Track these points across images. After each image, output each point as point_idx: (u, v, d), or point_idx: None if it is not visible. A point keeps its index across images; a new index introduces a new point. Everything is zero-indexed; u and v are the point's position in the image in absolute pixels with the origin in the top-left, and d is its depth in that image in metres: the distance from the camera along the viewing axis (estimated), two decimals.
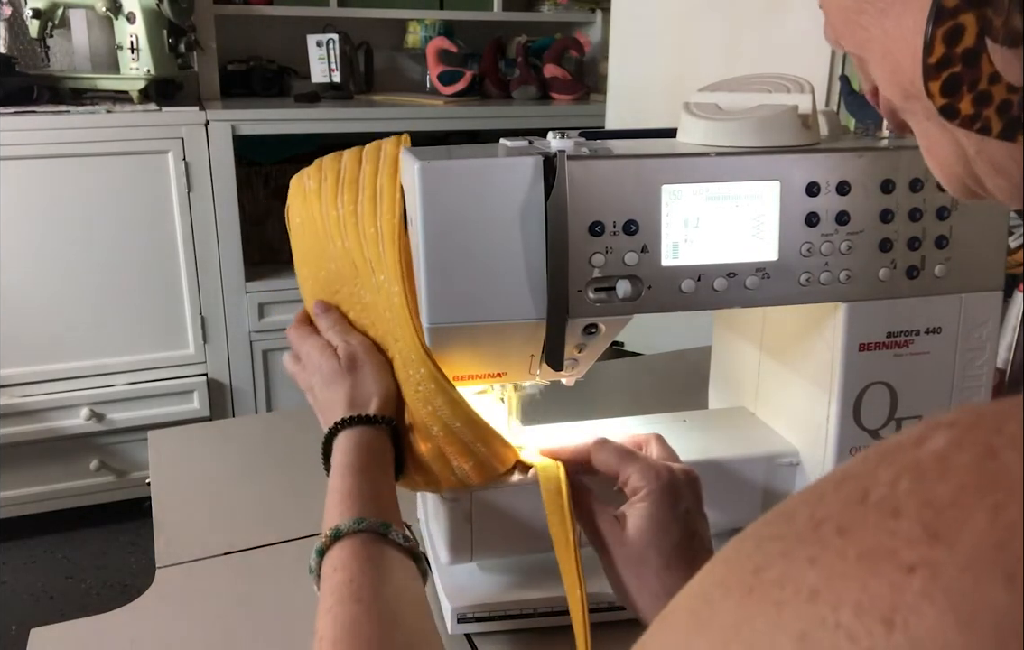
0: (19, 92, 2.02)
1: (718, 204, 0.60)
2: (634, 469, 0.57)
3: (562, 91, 2.65)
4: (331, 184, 0.66)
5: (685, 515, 0.56)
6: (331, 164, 0.68)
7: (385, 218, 0.63)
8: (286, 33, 2.59)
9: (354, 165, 0.67)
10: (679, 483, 0.57)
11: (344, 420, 0.61)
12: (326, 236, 0.66)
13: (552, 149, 0.58)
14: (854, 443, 0.67)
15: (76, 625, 0.68)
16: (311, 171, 0.69)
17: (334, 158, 0.68)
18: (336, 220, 0.65)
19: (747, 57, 1.80)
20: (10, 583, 2.10)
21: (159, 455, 0.94)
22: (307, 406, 0.69)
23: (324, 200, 0.66)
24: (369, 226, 0.64)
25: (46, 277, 2.06)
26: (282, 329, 2.32)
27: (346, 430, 0.61)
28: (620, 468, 0.58)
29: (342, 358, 0.64)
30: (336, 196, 0.66)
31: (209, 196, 2.15)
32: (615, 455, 0.59)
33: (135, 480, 2.25)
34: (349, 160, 0.67)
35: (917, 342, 0.66)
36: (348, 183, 0.66)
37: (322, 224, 0.66)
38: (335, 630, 0.49)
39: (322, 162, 0.69)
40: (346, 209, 0.65)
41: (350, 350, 0.65)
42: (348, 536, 0.55)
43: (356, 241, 0.64)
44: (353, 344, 0.65)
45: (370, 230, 0.64)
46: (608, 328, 0.62)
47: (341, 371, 0.64)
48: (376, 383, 0.63)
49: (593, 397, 1.07)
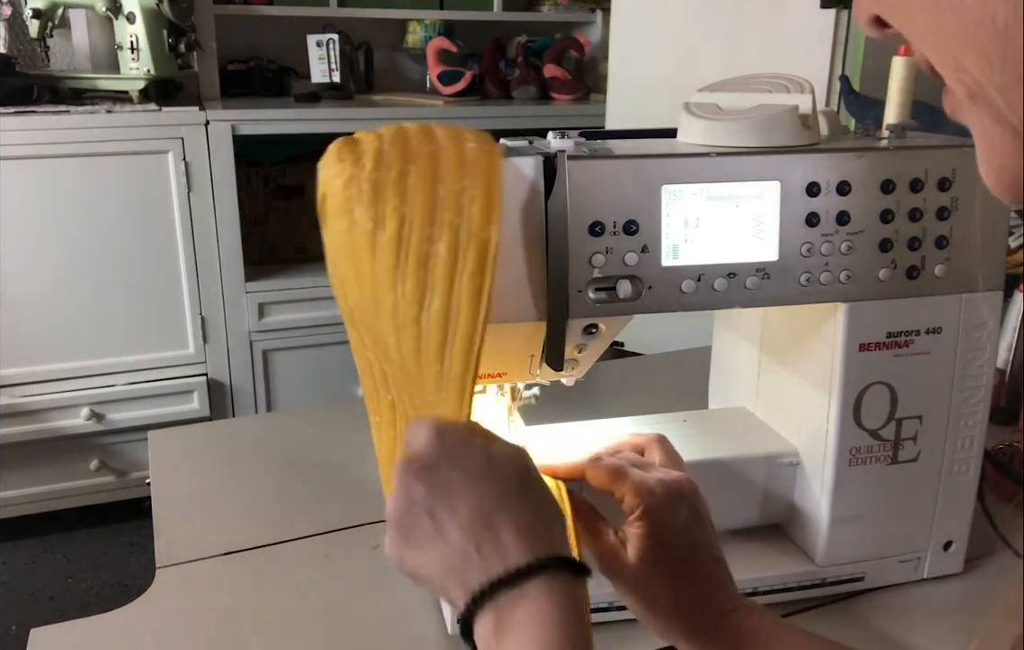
0: (19, 92, 2.02)
1: (718, 204, 0.60)
2: (627, 488, 0.56)
3: (562, 91, 2.65)
4: (391, 237, 0.49)
5: (684, 529, 0.55)
6: (395, 189, 0.49)
7: (461, 340, 0.47)
8: (286, 33, 2.59)
9: (426, 206, 0.48)
10: (674, 497, 0.56)
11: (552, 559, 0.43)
12: (375, 315, 0.51)
13: (552, 149, 0.58)
14: (854, 443, 0.67)
15: (76, 625, 0.68)
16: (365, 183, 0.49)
17: (399, 179, 0.49)
18: (391, 309, 0.49)
19: (747, 57, 1.80)
20: (10, 583, 2.10)
21: (159, 455, 0.94)
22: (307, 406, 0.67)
23: (380, 258, 0.49)
24: (434, 360, 0.48)
25: (46, 277, 2.06)
26: (282, 329, 2.35)
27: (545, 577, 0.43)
28: (613, 487, 0.57)
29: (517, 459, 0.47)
30: (396, 268, 0.48)
31: (209, 196, 2.15)
32: (607, 474, 0.57)
33: (135, 480, 2.25)
34: (420, 194, 0.49)
35: (917, 342, 0.66)
36: (415, 256, 0.48)
37: (372, 292, 0.50)
38: None
39: (380, 175, 0.49)
40: (406, 304, 0.48)
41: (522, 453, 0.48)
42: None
43: (415, 360, 0.49)
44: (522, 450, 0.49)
45: (434, 365, 0.48)
46: (608, 328, 0.62)
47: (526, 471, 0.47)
48: (556, 504, 0.47)
49: (593, 397, 1.07)
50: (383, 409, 0.60)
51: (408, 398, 0.55)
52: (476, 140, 0.51)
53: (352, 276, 0.51)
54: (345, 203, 0.50)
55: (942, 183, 0.63)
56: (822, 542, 0.70)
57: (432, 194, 0.49)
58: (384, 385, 0.57)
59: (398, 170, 0.50)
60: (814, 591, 0.71)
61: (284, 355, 2.36)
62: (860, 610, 0.70)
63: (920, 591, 0.72)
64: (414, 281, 0.48)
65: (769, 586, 0.70)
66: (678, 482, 0.57)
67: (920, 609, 0.70)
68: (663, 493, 0.55)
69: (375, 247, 0.49)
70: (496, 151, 0.51)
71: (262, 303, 2.29)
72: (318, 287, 2.34)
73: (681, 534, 0.55)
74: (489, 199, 0.49)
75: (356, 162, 0.51)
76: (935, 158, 0.62)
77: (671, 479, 0.57)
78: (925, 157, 0.62)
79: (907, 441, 0.68)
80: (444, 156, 0.50)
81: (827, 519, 0.69)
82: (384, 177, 0.49)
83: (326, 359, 2.37)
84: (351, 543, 0.78)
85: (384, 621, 0.69)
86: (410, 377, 0.51)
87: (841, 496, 0.68)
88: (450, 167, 0.50)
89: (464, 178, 0.49)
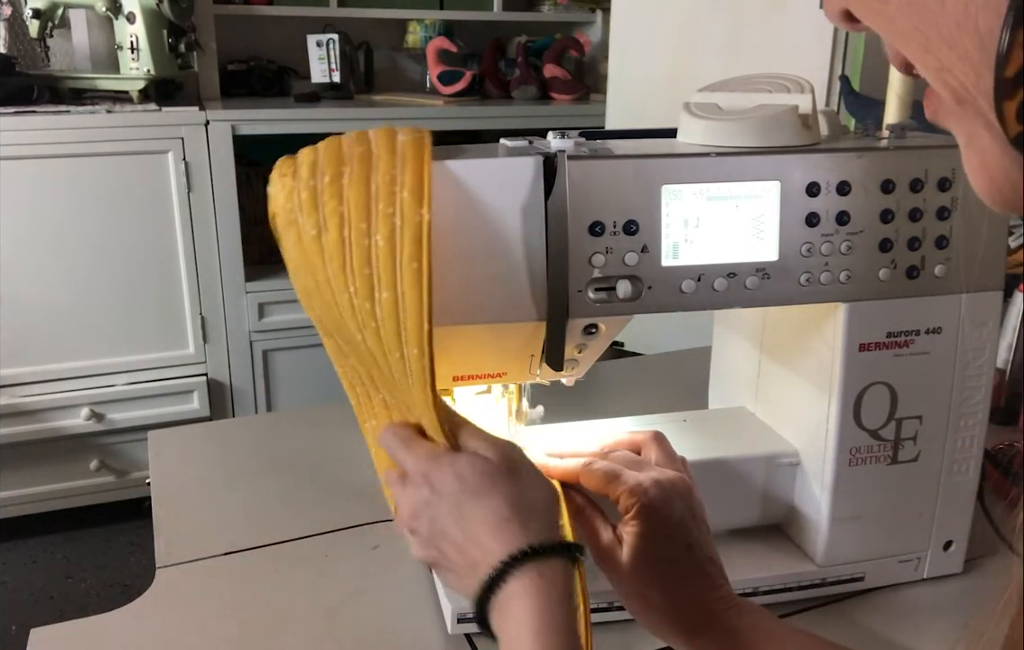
0: (19, 92, 2.02)
1: (718, 204, 0.60)
2: (622, 488, 0.56)
3: (562, 91, 2.65)
4: (334, 240, 0.50)
5: (679, 527, 0.55)
6: (330, 192, 0.50)
7: (411, 326, 0.49)
8: (286, 33, 2.59)
9: (360, 203, 0.49)
10: (669, 496, 0.56)
11: (526, 552, 0.45)
12: (339, 317, 0.52)
13: (552, 149, 0.58)
14: (854, 443, 0.67)
15: (76, 625, 0.68)
16: (303, 192, 0.51)
17: (333, 182, 0.51)
18: (350, 308, 0.50)
19: (747, 57, 1.80)
20: (10, 583, 2.10)
21: (159, 455, 0.94)
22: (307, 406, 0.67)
23: (329, 261, 0.50)
24: (394, 348, 0.50)
25: (46, 277, 2.06)
26: (282, 329, 2.34)
27: (527, 569, 0.46)
28: (608, 490, 0.57)
29: (491, 455, 0.50)
30: (345, 268, 0.50)
31: (209, 196, 2.16)
32: (601, 478, 0.57)
33: (135, 480, 2.26)
34: (354, 192, 0.50)
35: (917, 342, 0.66)
36: (358, 252, 0.49)
37: (332, 297, 0.51)
38: None
39: (316, 182, 0.51)
40: (360, 301, 0.50)
41: (501, 445, 0.51)
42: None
43: (381, 352, 0.51)
44: (501, 440, 0.51)
45: (395, 354, 0.50)
46: (608, 328, 0.62)
47: (499, 470, 0.49)
48: (548, 489, 0.50)
49: (593, 397, 1.07)
50: (377, 410, 0.60)
51: (390, 392, 0.55)
52: (407, 133, 0.52)
53: (312, 286, 0.52)
54: (290, 215, 0.52)
55: (942, 183, 0.63)
56: (822, 542, 0.70)
57: (366, 189, 0.50)
58: (373, 386, 0.58)
59: (331, 174, 0.51)
60: (814, 591, 0.71)
61: (284, 355, 2.36)
62: (860, 610, 0.70)
63: (920, 591, 0.72)
64: (362, 277, 0.50)
65: (769, 586, 0.70)
66: (672, 481, 0.57)
67: (920, 609, 0.70)
68: (658, 492, 0.55)
69: (323, 251, 0.50)
70: (425, 137, 0.52)
71: (262, 303, 2.29)
72: None
73: (676, 533, 0.55)
74: (418, 182, 0.49)
75: (294, 175, 0.52)
76: (935, 158, 0.62)
77: (666, 478, 0.57)
78: (925, 157, 0.62)
79: (907, 441, 0.68)
80: (375, 153, 0.51)
81: (827, 519, 0.69)
82: (319, 183, 0.51)
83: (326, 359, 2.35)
84: (351, 543, 0.79)
85: (384, 621, 0.69)
86: (382, 371, 0.53)
87: (841, 496, 0.68)
88: (381, 161, 0.51)
89: (393, 168, 0.50)
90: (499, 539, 0.47)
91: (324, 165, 0.52)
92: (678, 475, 0.58)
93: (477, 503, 0.49)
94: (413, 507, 0.52)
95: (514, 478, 0.50)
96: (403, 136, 0.52)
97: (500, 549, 0.47)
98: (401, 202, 0.49)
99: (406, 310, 0.49)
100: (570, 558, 0.48)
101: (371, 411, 0.60)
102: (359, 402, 0.61)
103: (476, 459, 0.50)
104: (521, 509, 0.48)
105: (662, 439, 0.62)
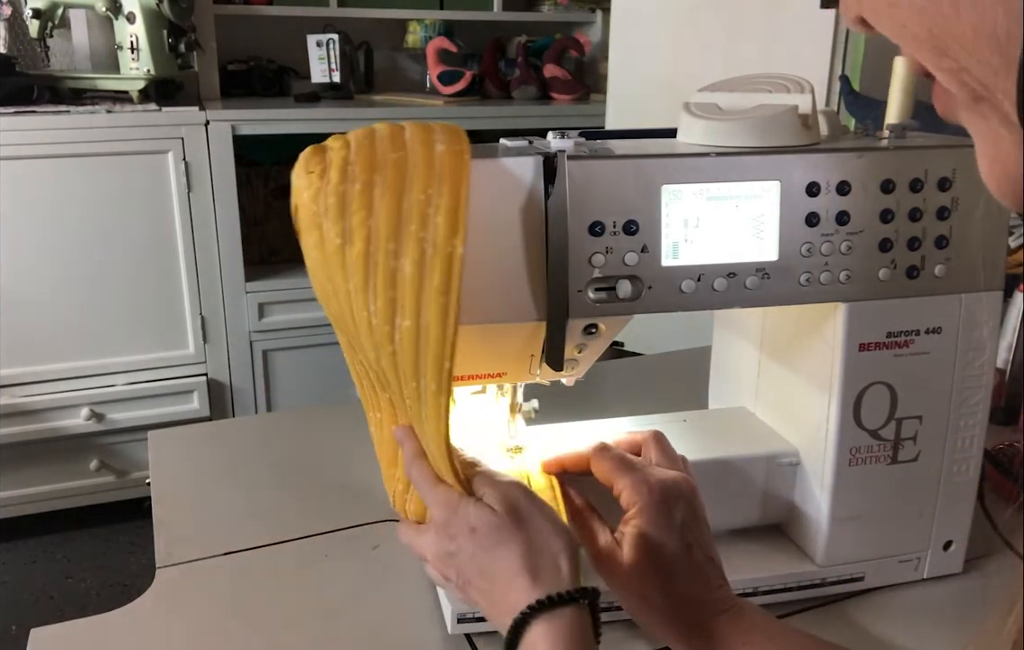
0: (19, 92, 2.02)
1: (718, 204, 0.60)
2: (626, 483, 0.56)
3: (562, 91, 2.65)
4: (359, 254, 0.47)
5: (680, 528, 0.55)
6: (360, 201, 0.48)
7: (431, 361, 0.47)
8: (286, 33, 2.59)
9: (390, 220, 0.47)
10: (671, 496, 0.56)
11: (541, 603, 0.47)
12: (354, 330, 0.50)
13: (552, 149, 0.58)
14: (854, 443, 0.67)
15: (76, 625, 0.68)
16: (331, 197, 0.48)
17: (364, 191, 0.48)
18: (367, 326, 0.49)
19: (747, 57, 1.80)
20: (10, 583, 2.10)
21: (159, 455, 0.94)
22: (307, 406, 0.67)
23: (351, 275, 0.48)
24: (410, 378, 0.48)
25: (46, 277, 2.06)
26: (282, 329, 2.34)
27: (539, 621, 0.47)
28: (615, 479, 0.58)
29: (498, 507, 0.51)
30: (367, 286, 0.48)
31: (209, 196, 2.16)
32: (612, 465, 0.58)
33: (135, 480, 2.26)
34: (385, 206, 0.47)
35: (917, 342, 0.66)
36: (383, 272, 0.47)
37: (349, 309, 0.49)
38: None
39: (345, 188, 0.48)
40: (379, 322, 0.48)
41: (507, 496, 0.51)
42: None
43: (395, 375, 0.50)
44: (508, 487, 0.52)
45: (411, 383, 0.49)
46: (608, 328, 0.62)
47: (505, 523, 0.50)
48: (557, 534, 0.50)
49: (593, 397, 1.07)
50: (383, 406, 0.60)
51: (400, 401, 0.55)
52: (446, 141, 0.49)
53: (331, 291, 0.51)
54: (314, 217, 0.49)
55: (942, 183, 0.63)
56: (822, 542, 0.70)
57: (397, 206, 0.47)
58: (380, 384, 0.57)
59: (363, 181, 0.48)
60: (814, 591, 0.71)
61: (284, 355, 2.36)
62: (860, 610, 0.70)
63: (920, 591, 0.72)
64: (384, 299, 0.47)
65: (769, 586, 0.70)
66: (676, 482, 0.57)
67: (920, 609, 0.70)
68: (660, 492, 0.56)
69: (345, 264, 0.48)
70: (465, 153, 0.49)
71: (262, 303, 2.29)
72: None
73: (677, 533, 0.55)
74: (455, 208, 0.47)
75: (322, 174, 0.50)
76: (935, 158, 0.62)
77: (668, 479, 0.57)
78: (925, 157, 0.62)
79: (907, 441, 0.68)
80: (411, 162, 0.49)
81: (827, 519, 0.69)
82: (350, 190, 0.48)
83: (326, 359, 2.37)
84: (351, 543, 0.78)
85: (384, 621, 0.69)
86: (394, 389, 0.52)
87: (841, 496, 0.68)
88: (416, 173, 0.48)
89: (430, 186, 0.48)
90: (513, 591, 0.49)
91: (356, 169, 0.49)
92: (681, 475, 0.58)
93: (490, 557, 0.50)
94: (439, 556, 0.54)
95: (522, 529, 0.50)
96: (441, 146, 0.49)
97: (516, 600, 0.48)
98: (435, 228, 0.47)
99: (428, 343, 0.47)
100: (580, 604, 0.49)
101: (376, 405, 0.61)
102: (365, 395, 0.61)
103: (485, 512, 0.51)
104: (529, 562, 0.49)
105: (661, 438, 0.62)
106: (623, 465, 0.58)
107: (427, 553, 0.55)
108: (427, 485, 0.54)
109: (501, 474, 0.54)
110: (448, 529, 0.52)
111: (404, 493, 0.61)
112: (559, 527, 0.51)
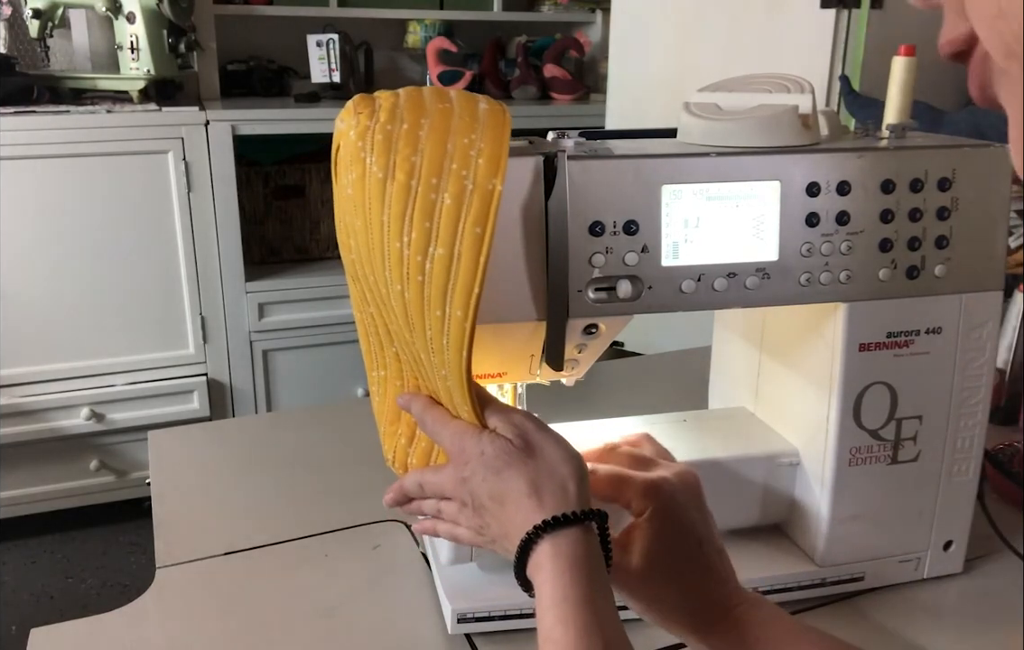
0: (19, 92, 2.02)
1: (718, 204, 0.60)
2: (633, 492, 0.56)
3: (562, 91, 2.65)
4: (400, 186, 0.50)
5: (691, 525, 0.55)
6: (406, 139, 0.50)
7: (460, 287, 0.50)
8: (286, 33, 2.59)
9: (435, 157, 0.50)
10: (678, 492, 0.56)
11: (548, 522, 0.48)
12: (380, 263, 0.52)
13: (552, 149, 0.58)
14: (854, 443, 0.67)
15: (76, 625, 0.68)
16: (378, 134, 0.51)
17: (411, 131, 0.51)
18: (398, 256, 0.50)
19: (747, 57, 1.80)
20: (10, 583, 2.10)
21: (159, 455, 0.94)
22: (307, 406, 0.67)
23: (388, 207, 0.50)
24: (436, 306, 0.50)
25: (46, 277, 2.06)
26: (282, 329, 2.35)
27: (551, 538, 0.49)
28: (616, 495, 0.56)
29: (510, 434, 0.52)
30: (404, 214, 0.50)
31: (209, 196, 2.16)
32: (608, 484, 0.57)
33: (135, 480, 2.26)
34: (430, 145, 0.50)
35: (917, 342, 0.66)
36: (422, 204, 0.50)
37: (380, 241, 0.51)
38: None
39: (393, 128, 0.51)
40: (412, 253, 0.50)
41: (519, 425, 0.53)
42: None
43: (419, 308, 0.51)
44: (519, 417, 0.53)
45: (436, 311, 0.50)
46: (608, 328, 0.62)
47: (516, 449, 0.51)
48: (566, 460, 0.52)
49: (593, 397, 1.07)
50: (389, 361, 0.60)
51: (409, 352, 0.56)
52: (488, 103, 0.53)
53: (360, 227, 0.52)
54: (358, 153, 0.51)
55: (942, 183, 0.63)
56: (822, 542, 0.70)
57: (442, 146, 0.50)
58: (388, 338, 0.58)
59: (411, 123, 0.51)
60: (814, 591, 0.71)
61: (284, 355, 2.36)
62: (860, 610, 0.70)
63: (920, 591, 0.72)
64: (420, 229, 0.50)
65: (769, 586, 0.70)
66: (681, 475, 0.57)
67: (920, 609, 0.70)
68: (669, 492, 0.55)
69: (384, 195, 0.50)
70: (507, 112, 0.53)
71: (262, 303, 2.29)
72: (318, 287, 2.34)
73: (688, 529, 0.55)
74: (496, 152, 0.50)
75: (371, 115, 0.52)
76: (935, 158, 0.62)
77: (674, 473, 0.57)
78: (925, 157, 0.62)
79: (907, 441, 0.68)
80: (456, 112, 0.52)
81: (827, 519, 0.69)
82: (397, 129, 0.51)
83: (326, 359, 2.37)
84: (351, 543, 0.79)
85: (384, 621, 0.69)
86: (413, 330, 0.53)
87: (841, 496, 0.68)
88: (462, 124, 0.51)
89: (473, 133, 0.51)
90: (521, 512, 0.50)
91: (404, 112, 0.52)
92: (685, 468, 0.58)
93: (500, 479, 0.51)
94: (455, 482, 0.54)
95: (531, 455, 0.52)
96: (484, 105, 0.53)
97: (523, 521, 0.50)
98: (476, 167, 0.50)
99: (459, 271, 0.50)
100: (587, 525, 0.50)
101: (382, 361, 0.61)
102: (371, 350, 0.62)
103: (497, 439, 0.52)
104: (537, 485, 0.50)
105: (652, 439, 0.62)
106: (621, 478, 0.56)
107: (444, 484, 0.55)
108: (441, 424, 0.56)
109: (513, 407, 0.56)
110: (463, 455, 0.53)
111: (407, 447, 0.61)
112: (568, 453, 0.52)
